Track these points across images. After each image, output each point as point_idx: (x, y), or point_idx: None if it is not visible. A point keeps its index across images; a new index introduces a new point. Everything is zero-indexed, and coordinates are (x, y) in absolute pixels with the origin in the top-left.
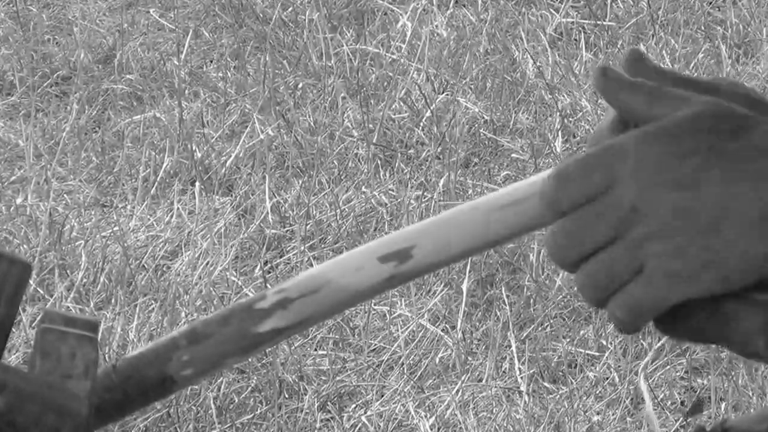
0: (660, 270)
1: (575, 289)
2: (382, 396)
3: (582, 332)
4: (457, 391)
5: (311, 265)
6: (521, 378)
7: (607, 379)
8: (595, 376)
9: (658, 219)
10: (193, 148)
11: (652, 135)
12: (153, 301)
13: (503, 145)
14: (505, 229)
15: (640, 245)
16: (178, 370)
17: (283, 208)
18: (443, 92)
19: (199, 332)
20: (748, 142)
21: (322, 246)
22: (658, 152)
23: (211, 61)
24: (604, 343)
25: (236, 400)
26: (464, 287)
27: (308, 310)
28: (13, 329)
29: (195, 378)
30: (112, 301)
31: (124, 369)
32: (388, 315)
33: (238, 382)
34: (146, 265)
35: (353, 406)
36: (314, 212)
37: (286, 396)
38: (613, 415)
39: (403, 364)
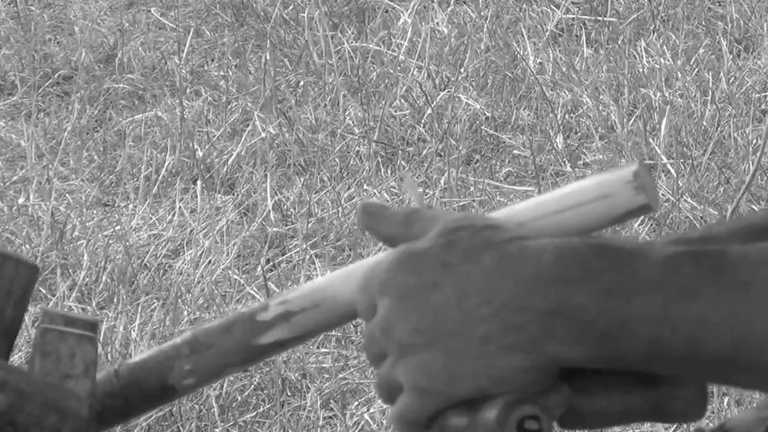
0: (411, 387)
1: None
2: None
3: None
4: None
5: (313, 264)
6: None
7: None
8: None
9: (404, 339)
10: (195, 146)
11: (397, 257)
12: (155, 300)
13: (504, 142)
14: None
15: (396, 364)
16: (179, 379)
17: (284, 207)
18: (444, 89)
19: (201, 341)
20: (477, 260)
21: (324, 244)
22: (400, 272)
23: (212, 60)
24: None
25: (239, 399)
26: None
27: (310, 323)
28: None
29: (196, 387)
30: (115, 300)
31: (126, 375)
32: None
33: (241, 380)
34: (148, 264)
35: (356, 403)
36: (316, 210)
37: (289, 394)
38: None
39: None
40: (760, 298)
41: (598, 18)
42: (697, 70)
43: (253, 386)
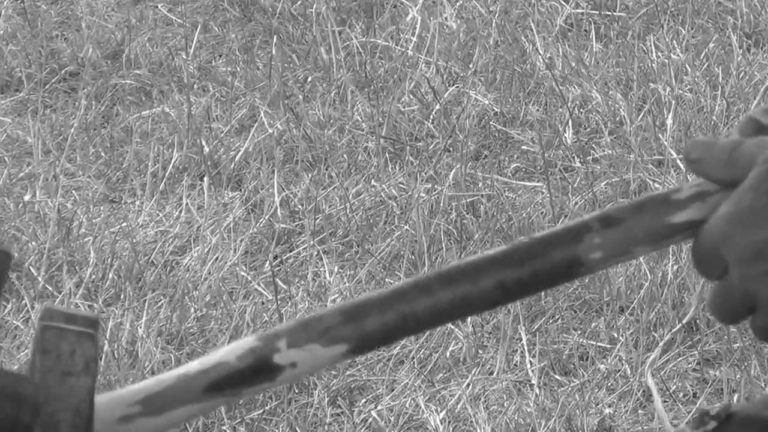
0: None
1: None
2: (393, 390)
3: (593, 324)
4: (468, 385)
5: (321, 260)
6: (532, 371)
7: (619, 371)
8: (606, 369)
9: None
10: (202, 143)
11: (728, 216)
12: (162, 297)
13: (513, 137)
14: None
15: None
16: (587, 252)
17: (292, 203)
18: (453, 84)
19: (612, 217)
20: None
21: (332, 240)
22: (739, 234)
23: (220, 56)
24: (615, 335)
25: None
26: None
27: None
28: (22, 327)
29: (603, 263)
30: (121, 297)
31: (533, 246)
32: None
33: None
34: (155, 261)
35: (363, 400)
36: (324, 206)
37: (296, 391)
38: (624, 407)
39: (413, 358)
40: None
41: (608, 13)
42: (706, 64)
43: None
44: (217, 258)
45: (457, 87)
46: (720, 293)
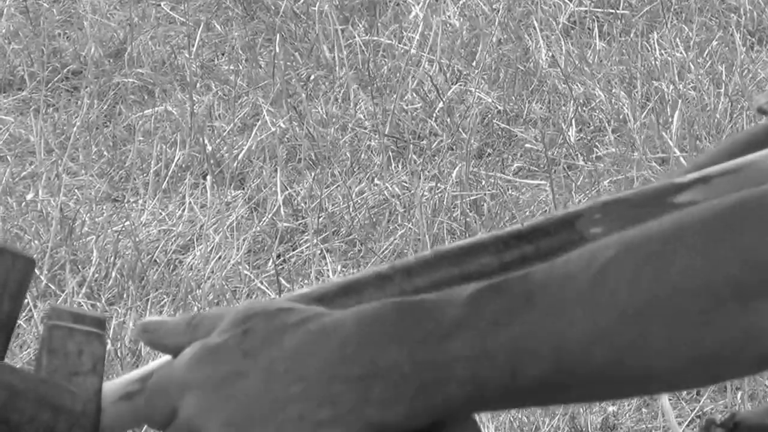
0: None
1: None
2: None
3: None
4: None
5: (324, 259)
6: None
7: None
8: None
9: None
10: (205, 141)
11: (194, 355)
12: (165, 296)
13: (517, 136)
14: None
15: None
16: (588, 226)
17: (295, 201)
18: (456, 83)
19: (614, 196)
20: (278, 344)
21: (335, 239)
22: (202, 368)
23: (223, 54)
24: None
25: None
26: None
27: (726, 189)
28: (25, 326)
29: (605, 237)
30: (124, 296)
31: (534, 224)
32: None
33: None
34: (158, 260)
35: None
36: (327, 205)
37: None
38: (628, 405)
39: None
40: (571, 313)
41: (611, 11)
42: (710, 62)
43: None
44: (220, 257)
45: (460, 85)
46: None
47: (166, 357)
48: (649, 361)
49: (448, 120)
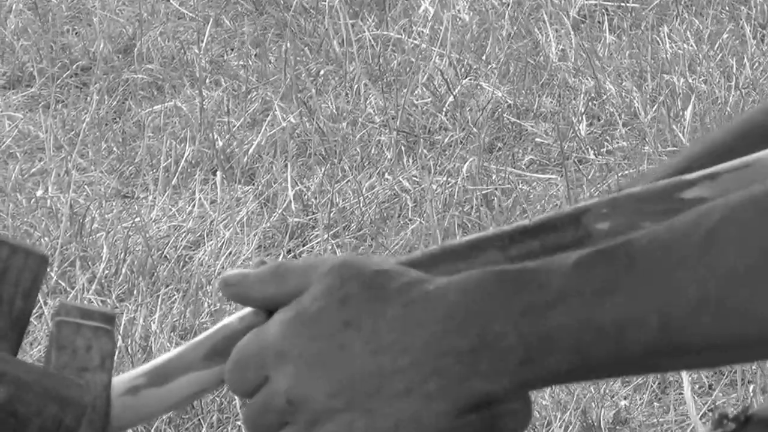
0: None
1: None
2: None
3: None
4: None
5: (334, 254)
6: None
7: None
8: None
9: (317, 404)
10: (215, 137)
11: (289, 323)
12: (175, 292)
13: (527, 130)
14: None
15: (311, 430)
16: (594, 221)
17: (305, 197)
18: (466, 77)
19: (623, 192)
20: (381, 314)
21: (346, 234)
22: (300, 338)
23: (232, 50)
24: None
25: None
26: None
27: (733, 185)
28: (35, 322)
29: (609, 234)
30: (134, 292)
31: (540, 220)
32: None
33: None
34: (168, 256)
35: None
36: (337, 200)
37: None
38: (640, 399)
39: None
40: (678, 279)
41: (621, 4)
42: (720, 55)
43: None
44: (230, 252)
45: (470, 79)
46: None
47: (191, 343)
48: (758, 324)
49: (459, 114)
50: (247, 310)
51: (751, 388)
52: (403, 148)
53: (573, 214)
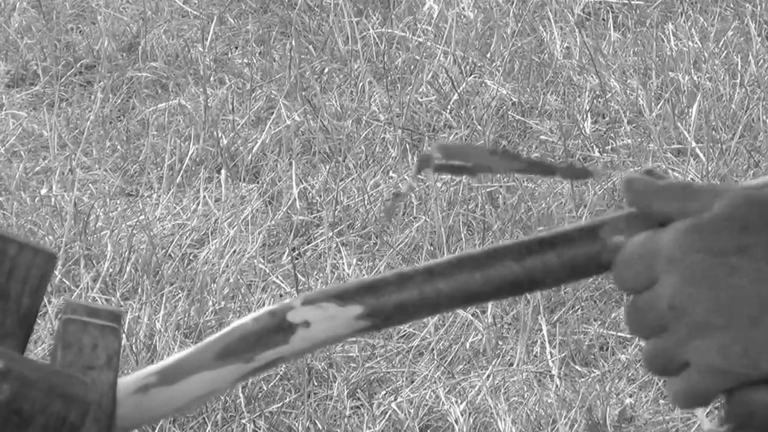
0: (704, 367)
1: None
2: (412, 382)
3: (613, 314)
4: (488, 376)
5: (339, 252)
6: (552, 362)
7: (640, 361)
8: (627, 359)
9: (698, 317)
10: (219, 135)
11: (685, 233)
12: (180, 291)
13: (532, 127)
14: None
15: (685, 341)
16: (610, 234)
17: (310, 195)
18: (471, 75)
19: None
20: None
21: (350, 232)
22: (693, 250)
23: (236, 48)
24: None
25: (265, 389)
26: None
27: None
28: (39, 320)
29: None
30: (139, 290)
31: (557, 231)
32: None
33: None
34: (173, 254)
35: (383, 392)
36: (342, 198)
37: (316, 384)
38: (645, 397)
39: (433, 349)
40: None
41: (625, 1)
42: (725, 53)
43: (279, 376)
44: (235, 251)
45: (475, 77)
46: (640, 306)
47: (203, 342)
48: None
49: (463, 112)
50: (262, 311)
51: None
52: (407, 145)
53: (590, 228)
